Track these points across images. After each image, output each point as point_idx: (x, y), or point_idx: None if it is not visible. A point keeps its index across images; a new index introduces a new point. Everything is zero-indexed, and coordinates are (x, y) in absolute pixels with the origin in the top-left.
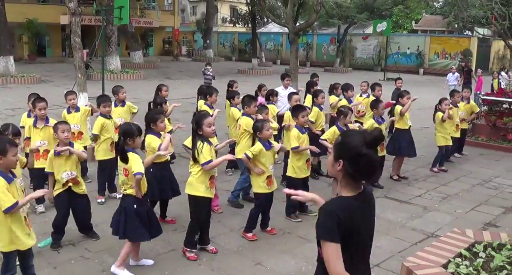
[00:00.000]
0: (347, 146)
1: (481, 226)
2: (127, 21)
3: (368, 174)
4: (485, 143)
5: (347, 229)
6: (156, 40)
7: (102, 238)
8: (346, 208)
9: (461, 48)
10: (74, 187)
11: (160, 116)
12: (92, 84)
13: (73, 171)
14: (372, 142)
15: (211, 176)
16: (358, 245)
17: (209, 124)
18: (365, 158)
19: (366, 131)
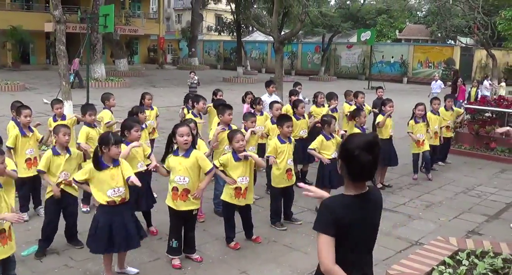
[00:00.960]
0: (343, 147)
1: (465, 234)
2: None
3: (361, 175)
4: (468, 152)
5: (344, 225)
6: (141, 48)
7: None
8: (345, 205)
9: (444, 57)
10: (66, 188)
11: (135, 124)
12: (77, 92)
13: (69, 172)
14: (366, 145)
15: (173, 187)
16: (355, 242)
17: (181, 134)
18: (356, 159)
19: (366, 135)
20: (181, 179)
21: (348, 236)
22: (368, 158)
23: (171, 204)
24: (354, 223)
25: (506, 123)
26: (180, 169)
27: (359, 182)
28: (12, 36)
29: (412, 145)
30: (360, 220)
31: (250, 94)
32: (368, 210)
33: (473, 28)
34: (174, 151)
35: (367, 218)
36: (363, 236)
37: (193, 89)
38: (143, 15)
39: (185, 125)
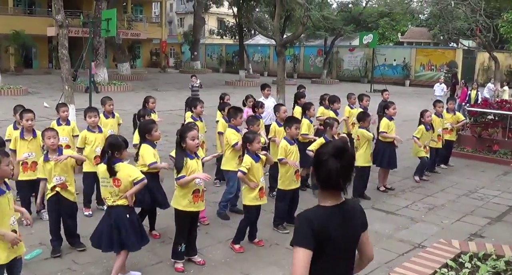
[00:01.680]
0: (316, 154)
1: (467, 237)
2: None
3: (328, 181)
4: (470, 154)
5: (323, 238)
6: (143, 52)
7: (89, 250)
8: (322, 216)
9: (446, 60)
10: (62, 192)
11: (153, 125)
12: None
13: (62, 176)
14: (335, 151)
15: (194, 190)
16: (335, 255)
17: (192, 137)
18: (323, 165)
19: (337, 141)
20: (201, 181)
21: (327, 248)
22: (336, 165)
23: (190, 208)
24: (334, 235)
25: (508, 125)
26: (200, 171)
27: (328, 190)
28: (14, 40)
29: (418, 149)
30: (340, 232)
31: (251, 98)
32: (345, 220)
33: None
34: (187, 156)
35: (346, 229)
36: (343, 247)
37: (195, 93)
38: (145, 19)
39: (194, 129)
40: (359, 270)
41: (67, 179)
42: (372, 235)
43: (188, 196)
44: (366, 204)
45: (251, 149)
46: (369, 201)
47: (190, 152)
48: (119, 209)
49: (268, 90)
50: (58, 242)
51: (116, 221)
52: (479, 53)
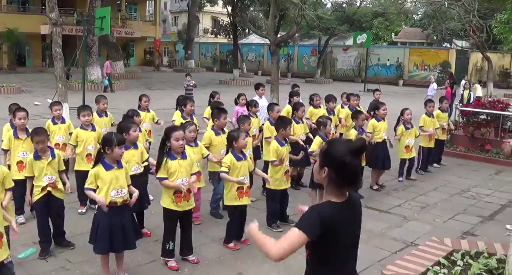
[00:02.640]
0: (332, 154)
1: (459, 235)
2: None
3: (352, 182)
4: (463, 154)
5: (333, 233)
6: (137, 50)
7: (83, 248)
8: (335, 212)
9: (440, 60)
10: (54, 192)
11: (133, 125)
12: (73, 94)
13: (53, 175)
14: (356, 151)
15: (176, 191)
16: (347, 250)
17: (177, 138)
18: (348, 166)
19: (350, 140)
20: (184, 181)
21: (341, 243)
22: (359, 164)
23: (173, 207)
24: (343, 231)
25: (501, 125)
26: (182, 172)
27: (345, 188)
28: (8, 38)
29: (400, 150)
30: (348, 227)
31: (243, 96)
32: (352, 217)
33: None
34: (169, 156)
35: (353, 226)
36: (352, 241)
37: (189, 92)
38: (139, 17)
39: (179, 129)
40: None
41: (57, 178)
42: (365, 233)
43: (170, 196)
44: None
45: (237, 147)
46: (362, 199)
47: (174, 153)
48: (99, 208)
49: (263, 89)
50: (48, 244)
51: (123, 220)
52: (472, 53)
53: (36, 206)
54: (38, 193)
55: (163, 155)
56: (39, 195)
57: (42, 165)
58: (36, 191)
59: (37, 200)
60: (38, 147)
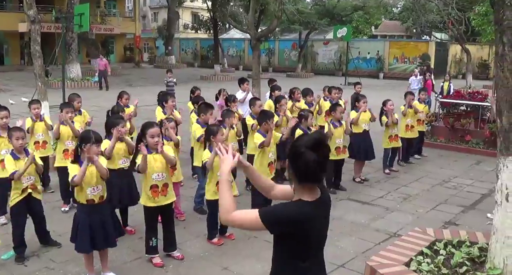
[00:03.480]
0: (291, 146)
1: (442, 225)
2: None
3: (306, 175)
4: (444, 145)
5: (303, 233)
6: (117, 47)
7: (67, 248)
8: (305, 212)
9: (419, 53)
10: (34, 193)
11: (120, 121)
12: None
13: (32, 176)
14: (311, 143)
15: (152, 185)
16: (313, 250)
17: (152, 135)
18: (301, 158)
19: (313, 133)
20: (160, 176)
21: (311, 242)
22: (313, 157)
23: (150, 203)
24: (316, 229)
25: (480, 116)
26: (158, 166)
27: (307, 183)
28: None
29: (384, 141)
30: (321, 225)
31: (224, 91)
32: (322, 216)
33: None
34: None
35: (322, 224)
36: (320, 238)
37: (171, 88)
38: (118, 13)
39: (155, 126)
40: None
41: (36, 178)
42: (348, 225)
43: (147, 192)
44: (342, 195)
45: (214, 142)
46: (345, 192)
47: (150, 148)
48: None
49: (247, 84)
50: (23, 249)
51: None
52: (451, 45)
53: (14, 210)
54: (18, 195)
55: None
56: (18, 197)
57: (19, 165)
58: (16, 194)
59: (17, 203)
60: (17, 143)
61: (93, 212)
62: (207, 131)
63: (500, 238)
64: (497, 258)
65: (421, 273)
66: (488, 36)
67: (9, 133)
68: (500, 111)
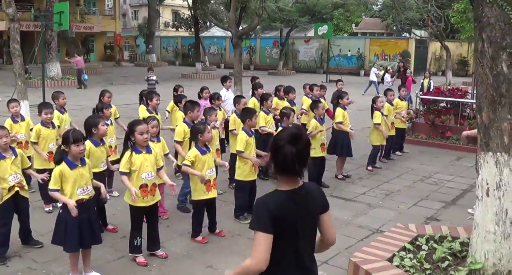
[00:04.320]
0: (272, 141)
1: (423, 220)
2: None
3: (284, 167)
4: (424, 141)
5: (280, 221)
6: (97, 45)
7: (49, 248)
8: (278, 200)
9: (399, 50)
10: (21, 192)
11: (100, 120)
12: (32, 91)
13: (18, 174)
14: (289, 137)
15: (142, 185)
16: (294, 237)
17: (141, 132)
18: (280, 151)
19: (292, 128)
20: (149, 175)
21: (286, 232)
22: (291, 151)
23: (139, 203)
24: (291, 219)
25: (460, 112)
26: (147, 165)
27: (286, 175)
28: None
29: (376, 137)
30: (297, 215)
31: (206, 89)
32: (302, 203)
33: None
34: (134, 150)
35: (303, 212)
36: (301, 229)
37: (152, 86)
38: (98, 12)
39: (143, 123)
40: (320, 252)
41: (21, 177)
42: None
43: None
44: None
45: (201, 140)
46: (327, 189)
47: (139, 147)
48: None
49: (230, 82)
50: (6, 249)
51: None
52: (431, 42)
53: (2, 210)
54: (6, 194)
55: (128, 149)
56: (6, 196)
57: (6, 164)
58: (3, 193)
59: (4, 202)
60: (1, 142)
61: (82, 211)
62: (194, 130)
63: (481, 232)
64: (478, 252)
65: (404, 268)
66: (467, 33)
67: None
68: (480, 107)
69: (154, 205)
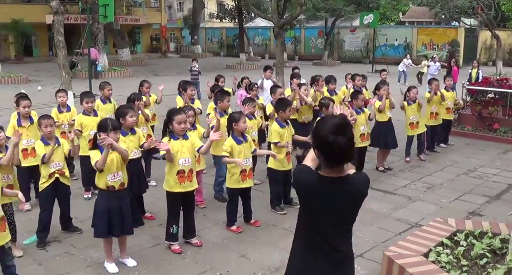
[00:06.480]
0: (317, 134)
1: (465, 215)
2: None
3: (340, 159)
4: (471, 133)
5: (302, 196)
6: (143, 37)
7: (88, 234)
8: (310, 178)
9: (448, 39)
10: (62, 179)
11: (129, 110)
12: (80, 82)
13: (60, 162)
14: (336, 129)
15: (179, 170)
16: (318, 222)
17: (179, 122)
18: (331, 145)
19: (332, 118)
20: (187, 161)
21: (308, 209)
22: (344, 141)
23: (176, 188)
24: (313, 199)
25: (509, 103)
26: (184, 152)
27: (334, 166)
28: (13, 29)
29: (406, 128)
30: (321, 199)
31: (246, 79)
32: (337, 194)
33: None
34: (172, 137)
35: (334, 202)
36: (326, 217)
37: (195, 77)
38: (144, 4)
39: (182, 113)
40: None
41: (64, 165)
42: (370, 215)
43: (173, 177)
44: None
45: (237, 129)
46: None
47: (176, 135)
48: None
49: (270, 72)
50: (46, 234)
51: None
52: (481, 31)
53: (42, 196)
54: (46, 180)
55: (166, 136)
56: (46, 182)
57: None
58: (43, 179)
59: (45, 188)
60: (46, 131)
61: (112, 199)
62: (229, 119)
63: None
64: None
65: (439, 264)
66: None
67: (38, 121)
68: None
69: (191, 192)
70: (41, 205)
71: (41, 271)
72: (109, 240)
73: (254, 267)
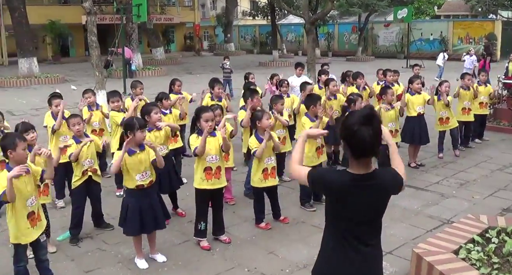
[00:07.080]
0: (344, 125)
1: (499, 212)
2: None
3: (364, 151)
4: (507, 128)
5: (336, 199)
6: (177, 36)
7: (120, 230)
8: (341, 179)
9: (485, 32)
10: (94, 176)
11: (154, 107)
12: (114, 81)
13: (92, 159)
14: (363, 119)
15: (206, 167)
16: (349, 222)
17: (206, 119)
18: (355, 135)
19: (362, 109)
20: (214, 158)
21: (343, 210)
22: (369, 132)
23: (204, 185)
24: (347, 198)
25: None
26: (211, 149)
27: (363, 159)
28: (50, 30)
29: (435, 123)
30: (358, 200)
31: (277, 76)
32: (366, 191)
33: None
34: (199, 133)
35: (364, 199)
36: (357, 216)
37: (227, 75)
38: (178, 3)
39: (209, 111)
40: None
41: (95, 162)
42: (401, 212)
43: (200, 174)
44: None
45: (261, 127)
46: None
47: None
48: (127, 191)
49: (301, 70)
50: (79, 230)
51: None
52: None
53: (75, 193)
54: (79, 178)
55: (194, 132)
56: (79, 180)
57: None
58: (76, 177)
59: (78, 186)
60: (74, 129)
61: (143, 197)
62: (253, 117)
63: None
64: None
65: (469, 261)
66: None
67: (67, 120)
68: None
69: (219, 189)
70: (74, 202)
71: (73, 266)
72: (139, 237)
73: (282, 263)
